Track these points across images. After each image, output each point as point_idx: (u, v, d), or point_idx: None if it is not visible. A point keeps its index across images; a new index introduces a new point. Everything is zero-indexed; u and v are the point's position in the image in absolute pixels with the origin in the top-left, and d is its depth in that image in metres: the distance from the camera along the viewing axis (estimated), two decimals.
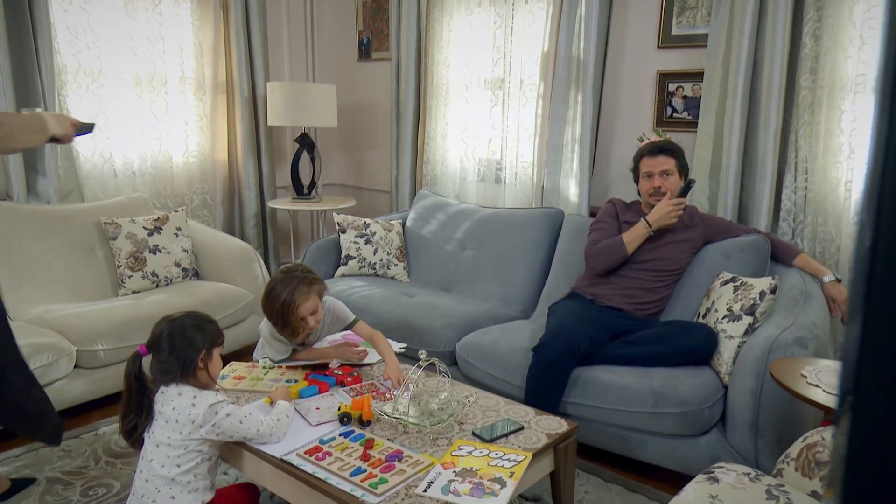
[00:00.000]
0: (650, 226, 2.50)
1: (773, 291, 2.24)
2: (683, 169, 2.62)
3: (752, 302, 2.24)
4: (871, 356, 0.42)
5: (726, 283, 2.39)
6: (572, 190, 3.38)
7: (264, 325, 2.22)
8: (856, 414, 0.42)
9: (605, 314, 2.48)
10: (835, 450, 0.45)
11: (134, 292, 3.12)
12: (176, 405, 1.70)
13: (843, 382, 0.44)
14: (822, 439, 1.52)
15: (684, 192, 2.52)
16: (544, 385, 2.26)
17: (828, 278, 2.42)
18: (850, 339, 0.43)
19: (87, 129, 2.15)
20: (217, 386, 1.88)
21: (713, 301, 2.39)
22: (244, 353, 3.19)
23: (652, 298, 2.53)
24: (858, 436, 0.43)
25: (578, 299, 2.59)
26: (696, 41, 3.03)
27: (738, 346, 2.19)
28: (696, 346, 2.26)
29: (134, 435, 1.78)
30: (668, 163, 2.57)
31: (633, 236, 2.52)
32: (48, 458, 2.41)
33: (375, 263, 3.38)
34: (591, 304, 2.55)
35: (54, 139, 2.04)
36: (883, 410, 0.41)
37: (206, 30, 3.80)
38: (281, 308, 2.05)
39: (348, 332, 2.33)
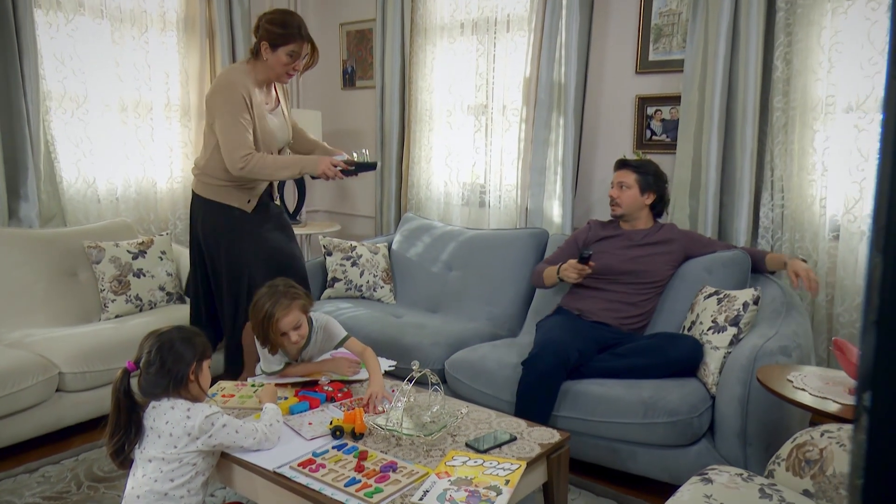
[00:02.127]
0: (558, 273, 2.63)
1: (755, 302, 2.30)
2: (648, 186, 2.69)
3: (735, 313, 2.29)
4: (885, 369, 0.44)
5: (710, 296, 2.44)
6: (556, 211, 3.44)
7: None
8: (872, 424, 0.45)
9: (592, 328, 2.52)
10: (852, 460, 0.47)
11: (117, 316, 3.09)
12: (170, 419, 1.68)
13: (859, 393, 0.46)
14: (812, 439, 1.55)
15: (583, 261, 2.54)
16: (534, 398, 2.27)
17: (790, 258, 2.49)
18: (866, 353, 0.45)
19: (367, 166, 2.63)
20: (208, 399, 1.87)
21: (697, 314, 2.44)
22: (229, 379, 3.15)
23: (636, 312, 2.58)
24: (875, 447, 0.45)
25: (565, 315, 2.62)
26: (672, 66, 3.14)
27: (724, 357, 2.23)
28: (683, 357, 2.29)
29: (121, 455, 1.75)
30: (627, 177, 2.69)
31: (549, 273, 2.72)
32: (27, 484, 2.35)
33: (362, 285, 3.39)
34: (578, 318, 2.58)
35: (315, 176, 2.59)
36: None
37: (192, 57, 3.84)
38: (262, 321, 2.07)
39: (340, 350, 2.33)
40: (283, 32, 2.48)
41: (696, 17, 2.93)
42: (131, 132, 3.64)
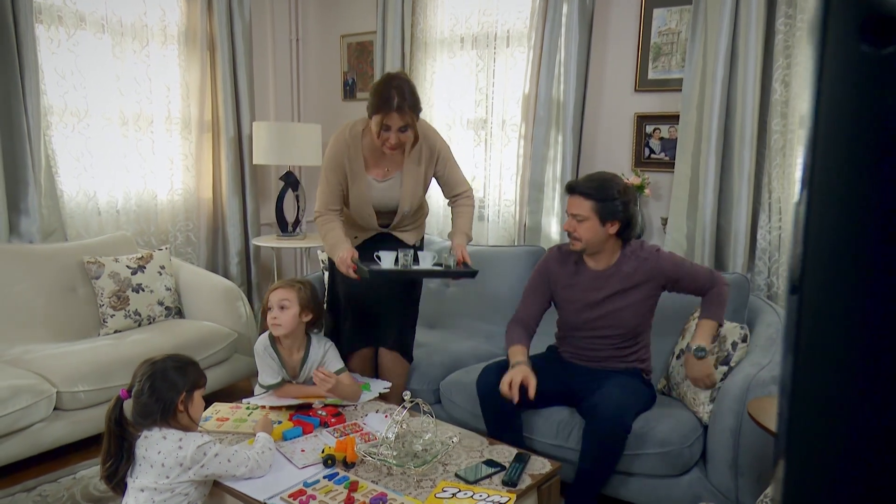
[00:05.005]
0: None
1: (744, 340, 2.28)
2: (610, 214, 2.17)
3: (726, 353, 2.27)
4: (801, 393, 0.44)
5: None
6: (554, 228, 3.44)
7: (259, 344, 2.26)
8: (790, 447, 0.45)
9: (579, 368, 2.40)
10: (775, 481, 0.47)
11: (116, 332, 3.10)
12: (162, 449, 1.69)
13: (779, 418, 0.46)
14: None
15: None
16: (488, 419, 2.30)
17: (696, 349, 2.21)
18: (784, 375, 0.45)
19: (461, 274, 2.43)
20: (200, 428, 1.88)
21: (688, 343, 2.42)
22: (228, 393, 3.17)
23: (626, 354, 2.37)
24: (790, 491, 0.45)
25: (553, 354, 2.50)
26: (671, 85, 3.13)
27: (716, 388, 2.22)
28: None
29: (115, 479, 1.76)
30: (580, 206, 2.18)
31: (512, 353, 2.29)
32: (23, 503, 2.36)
33: None
34: (570, 364, 2.42)
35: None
36: (813, 444, 0.44)
37: (193, 70, 3.85)
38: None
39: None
40: (374, 102, 2.34)
41: (695, 37, 2.93)
42: (132, 145, 3.65)
